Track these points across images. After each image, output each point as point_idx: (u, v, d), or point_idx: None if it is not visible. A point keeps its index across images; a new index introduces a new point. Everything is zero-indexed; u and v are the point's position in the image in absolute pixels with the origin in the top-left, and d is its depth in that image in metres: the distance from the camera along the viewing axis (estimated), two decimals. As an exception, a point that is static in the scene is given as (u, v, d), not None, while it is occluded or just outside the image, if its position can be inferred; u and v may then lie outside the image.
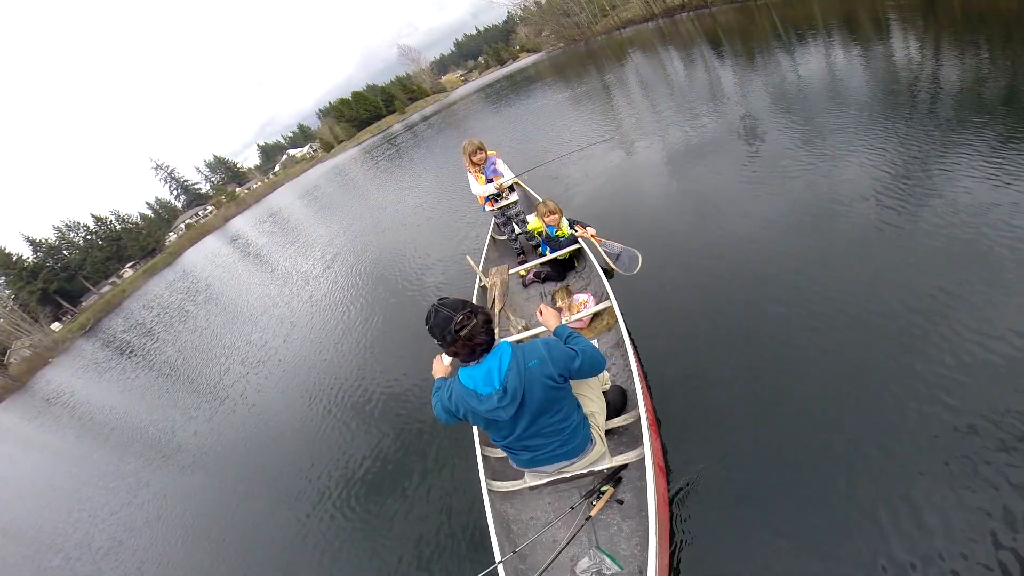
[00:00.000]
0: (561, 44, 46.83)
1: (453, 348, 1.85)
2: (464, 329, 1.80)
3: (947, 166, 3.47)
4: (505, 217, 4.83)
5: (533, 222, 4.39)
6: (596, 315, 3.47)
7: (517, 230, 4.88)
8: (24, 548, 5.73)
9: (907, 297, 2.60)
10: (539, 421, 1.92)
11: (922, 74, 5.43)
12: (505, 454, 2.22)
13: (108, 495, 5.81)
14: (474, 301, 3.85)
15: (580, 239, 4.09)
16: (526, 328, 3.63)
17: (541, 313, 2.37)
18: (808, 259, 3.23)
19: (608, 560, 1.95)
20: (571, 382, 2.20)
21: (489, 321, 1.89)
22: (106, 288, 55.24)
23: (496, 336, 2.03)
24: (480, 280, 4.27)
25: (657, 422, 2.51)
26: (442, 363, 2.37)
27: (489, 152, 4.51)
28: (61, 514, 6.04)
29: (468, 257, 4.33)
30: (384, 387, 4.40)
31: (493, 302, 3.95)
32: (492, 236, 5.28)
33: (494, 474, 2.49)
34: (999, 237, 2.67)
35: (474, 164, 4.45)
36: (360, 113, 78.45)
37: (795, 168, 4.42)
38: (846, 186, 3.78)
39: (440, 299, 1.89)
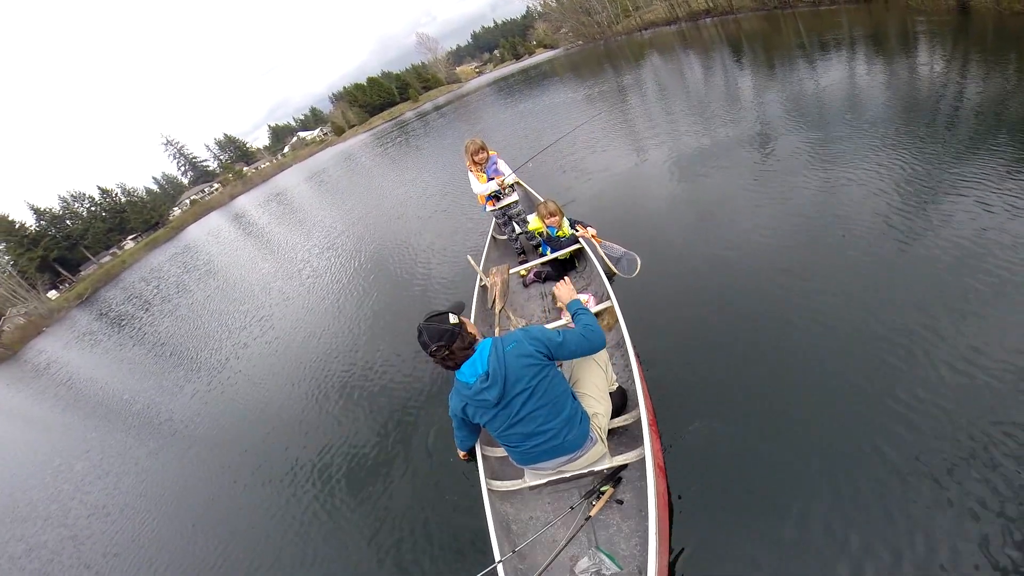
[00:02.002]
0: (580, 42, 46.65)
1: (436, 362, 2.04)
2: (435, 357, 2.01)
3: (956, 190, 3.45)
4: (506, 217, 4.81)
5: (534, 222, 4.37)
6: (596, 315, 3.45)
7: (518, 230, 4.86)
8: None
9: (905, 313, 2.63)
10: (528, 404, 1.96)
11: (944, 93, 5.35)
12: (505, 453, 2.26)
13: (91, 466, 5.78)
14: (474, 301, 3.92)
15: (581, 239, 4.11)
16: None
17: (558, 289, 2.46)
18: (809, 270, 3.25)
19: (607, 560, 1.94)
20: (576, 382, 2.29)
21: (465, 347, 2.02)
22: (106, 258, 55.26)
23: (496, 334, 2.15)
24: (480, 280, 4.23)
25: (657, 422, 2.50)
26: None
27: (490, 152, 4.53)
28: (43, 484, 6.01)
29: (469, 256, 4.31)
30: (384, 380, 4.32)
31: (493, 302, 3.92)
32: (493, 236, 5.26)
33: (494, 474, 2.48)
34: (1000, 264, 2.68)
35: (475, 163, 4.47)
36: (373, 99, 78.50)
37: (803, 181, 4.38)
38: (852, 201, 3.78)
39: (427, 318, 2.04)
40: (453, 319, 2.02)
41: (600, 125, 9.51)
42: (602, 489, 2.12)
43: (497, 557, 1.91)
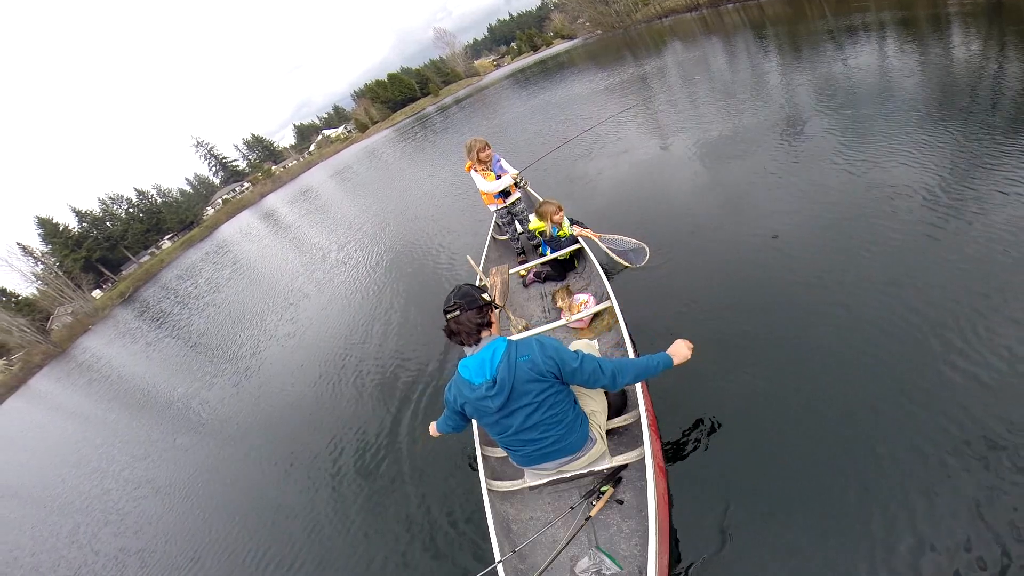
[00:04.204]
0: (598, 31, 45.82)
1: (446, 325, 2.02)
2: (450, 312, 1.99)
3: (996, 178, 3.25)
4: (511, 215, 4.79)
5: (535, 222, 4.39)
6: (596, 315, 3.46)
7: (520, 229, 4.84)
8: (41, 508, 6.18)
9: (930, 309, 2.53)
10: (533, 416, 1.94)
11: (981, 79, 5.06)
12: (505, 453, 2.25)
13: (132, 453, 6.22)
14: None
15: (580, 239, 4.12)
16: (526, 328, 3.64)
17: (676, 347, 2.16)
18: (817, 268, 3.15)
19: (608, 560, 1.95)
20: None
21: (480, 324, 1.99)
22: (145, 258, 57.62)
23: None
24: (480, 280, 4.24)
25: (657, 422, 2.50)
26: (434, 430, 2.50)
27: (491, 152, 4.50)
28: (87, 472, 6.46)
29: (468, 257, 4.31)
30: (387, 380, 4.42)
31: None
32: (492, 236, 5.25)
33: (494, 474, 2.49)
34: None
35: (480, 162, 4.42)
36: (395, 95, 79.06)
37: (819, 176, 4.21)
38: (876, 198, 3.58)
39: (468, 283, 2.09)
40: (487, 297, 2.06)
41: (620, 115, 9.41)
42: (602, 489, 2.12)
43: (497, 557, 1.92)
